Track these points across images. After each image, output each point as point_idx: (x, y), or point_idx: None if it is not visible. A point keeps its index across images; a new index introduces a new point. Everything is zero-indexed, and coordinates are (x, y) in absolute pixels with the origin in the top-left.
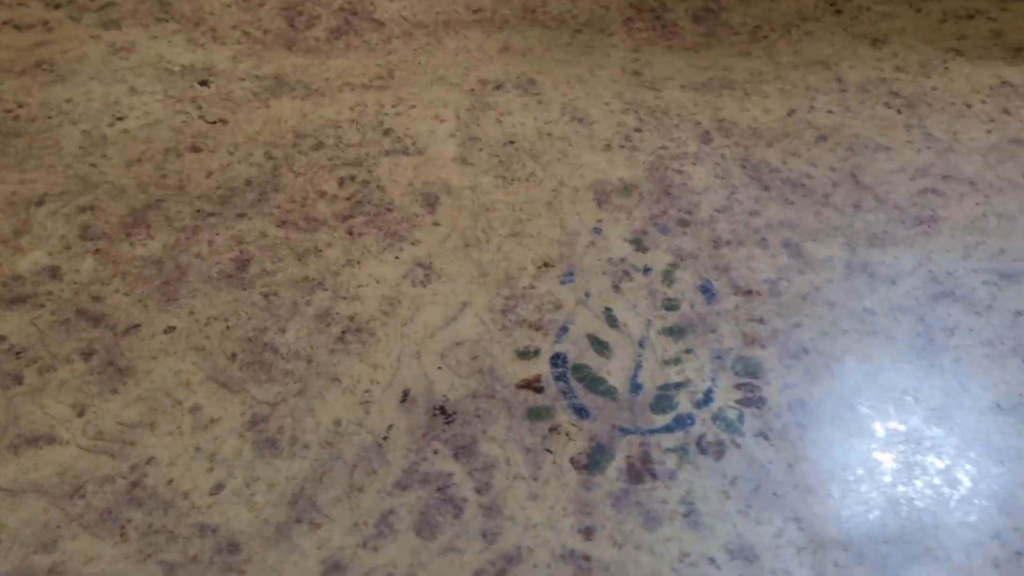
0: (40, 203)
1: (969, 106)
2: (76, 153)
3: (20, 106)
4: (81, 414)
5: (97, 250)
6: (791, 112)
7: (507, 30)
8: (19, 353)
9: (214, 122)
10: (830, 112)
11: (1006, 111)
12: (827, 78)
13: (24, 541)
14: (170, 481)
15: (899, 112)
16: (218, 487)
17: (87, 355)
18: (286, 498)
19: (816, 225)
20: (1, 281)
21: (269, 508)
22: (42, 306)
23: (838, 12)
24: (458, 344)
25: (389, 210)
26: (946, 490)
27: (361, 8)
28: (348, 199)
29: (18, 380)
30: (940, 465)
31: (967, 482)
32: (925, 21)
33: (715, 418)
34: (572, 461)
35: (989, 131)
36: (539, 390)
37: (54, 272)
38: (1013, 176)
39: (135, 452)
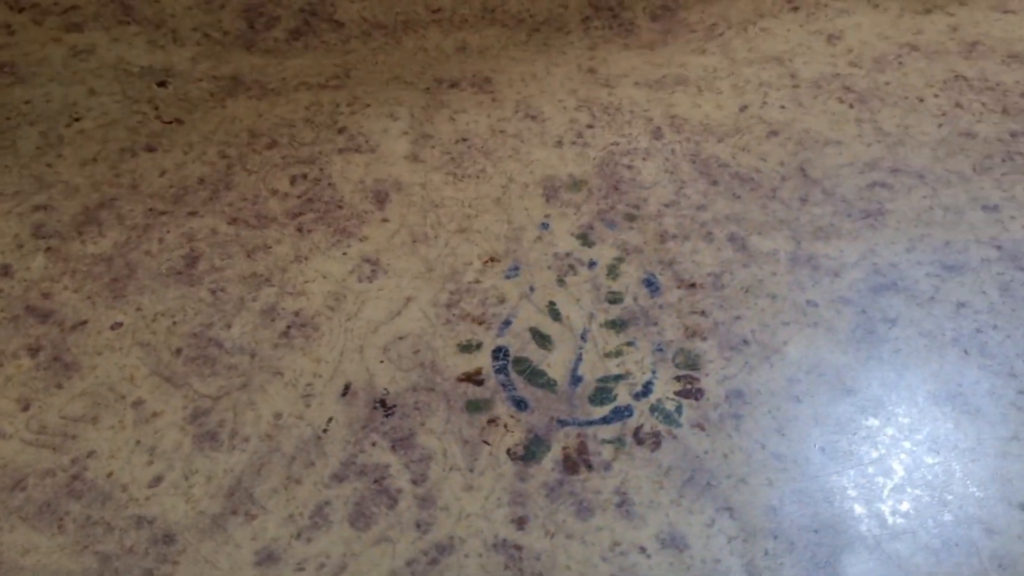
0: None
1: (922, 100)
2: (32, 153)
3: None
4: (26, 409)
5: (48, 248)
6: (743, 108)
7: (465, 29)
8: None
9: (170, 122)
10: (782, 107)
11: (959, 105)
12: (781, 74)
13: None
14: (110, 474)
15: (851, 107)
16: (157, 480)
17: (34, 351)
18: (223, 490)
19: (762, 219)
20: None
21: (206, 500)
22: None
23: (795, 9)
24: (401, 338)
25: (339, 207)
26: (880, 479)
27: (321, 9)
28: (299, 197)
29: None
30: (874, 455)
31: (901, 471)
32: (882, 17)
33: (653, 409)
34: (509, 452)
35: (940, 124)
36: (479, 383)
37: (5, 270)
38: (962, 169)
39: (76, 446)
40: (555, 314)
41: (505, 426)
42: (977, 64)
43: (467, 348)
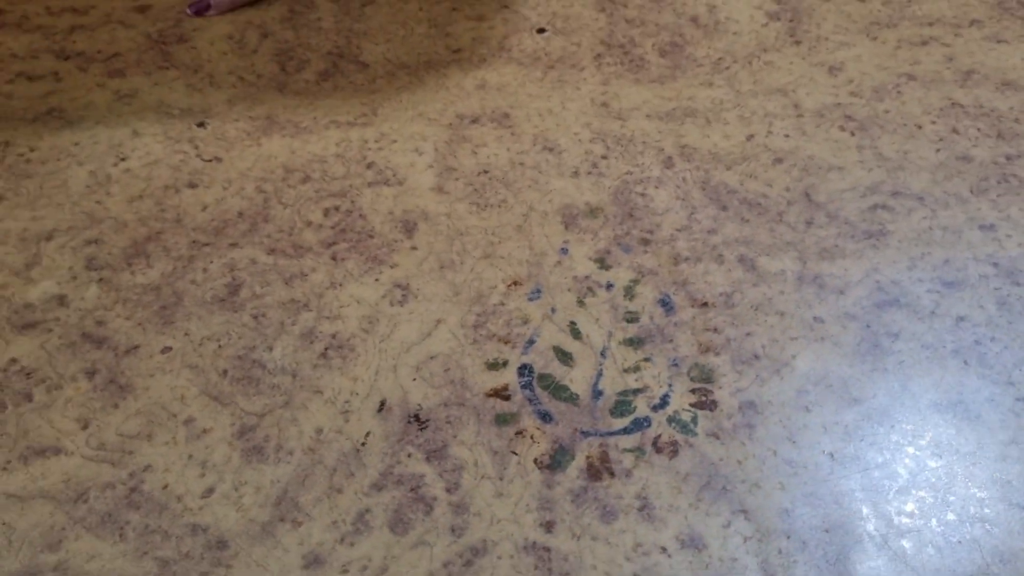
0: (49, 238)
1: (920, 127)
2: (82, 191)
3: (32, 150)
4: (85, 427)
5: (101, 279)
6: (749, 137)
7: (484, 68)
8: (29, 374)
9: (210, 160)
10: (786, 136)
11: (955, 131)
12: (784, 104)
13: (32, 542)
14: (165, 486)
15: (852, 134)
16: (209, 491)
17: (91, 374)
18: (271, 499)
19: (770, 241)
20: (13, 309)
21: (255, 509)
22: (50, 331)
23: (797, 43)
24: (432, 358)
25: (370, 236)
26: (886, 482)
27: (348, 51)
28: (332, 227)
29: (28, 398)
30: (880, 459)
31: (905, 475)
32: (880, 48)
33: (670, 420)
34: (536, 462)
35: (938, 150)
36: (506, 398)
37: (61, 300)
38: (960, 191)
39: (133, 460)
40: (576, 333)
41: (532, 437)
42: (972, 92)
43: (494, 366)
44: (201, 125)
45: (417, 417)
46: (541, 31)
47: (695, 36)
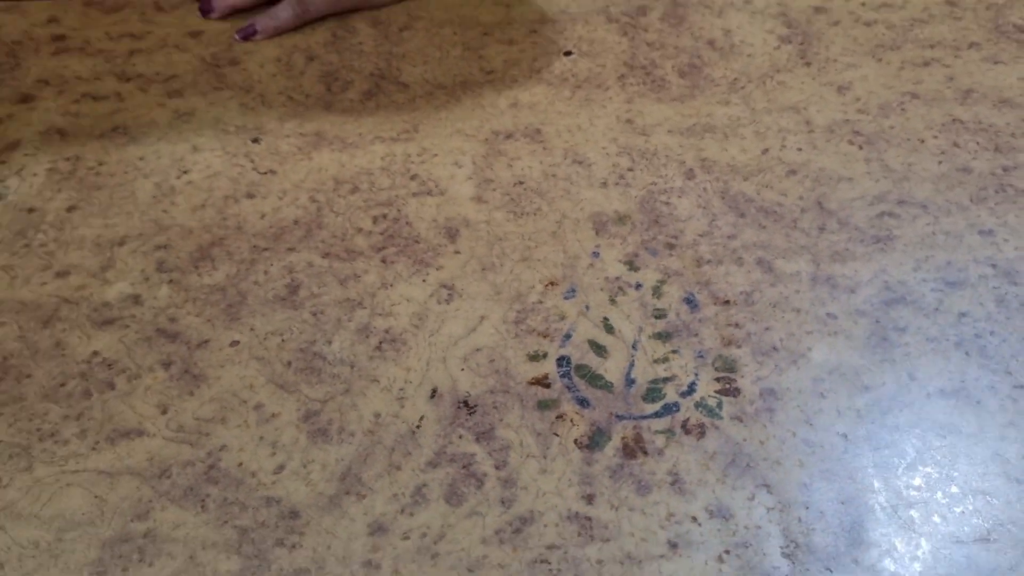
0: (122, 243)
1: (923, 141)
2: (149, 202)
3: (101, 164)
4: (164, 412)
5: (171, 280)
6: (765, 151)
7: (516, 88)
8: (110, 365)
9: (265, 173)
10: (799, 150)
11: (956, 144)
12: (797, 121)
13: (123, 512)
14: (240, 464)
15: (860, 148)
16: (279, 468)
17: (167, 365)
18: (336, 475)
19: (786, 245)
20: (92, 308)
21: (322, 483)
22: (127, 327)
23: (808, 64)
24: (478, 350)
25: (416, 242)
26: (895, 459)
27: (389, 73)
28: (381, 234)
29: (111, 386)
30: (889, 439)
31: (912, 453)
32: (885, 69)
33: (697, 405)
34: (576, 442)
35: (940, 162)
36: (547, 386)
37: (136, 299)
38: (961, 200)
39: (210, 441)
40: (609, 328)
41: (571, 421)
42: (972, 109)
43: (535, 357)
44: (255, 141)
45: (466, 403)
46: (568, 54)
47: (712, 58)
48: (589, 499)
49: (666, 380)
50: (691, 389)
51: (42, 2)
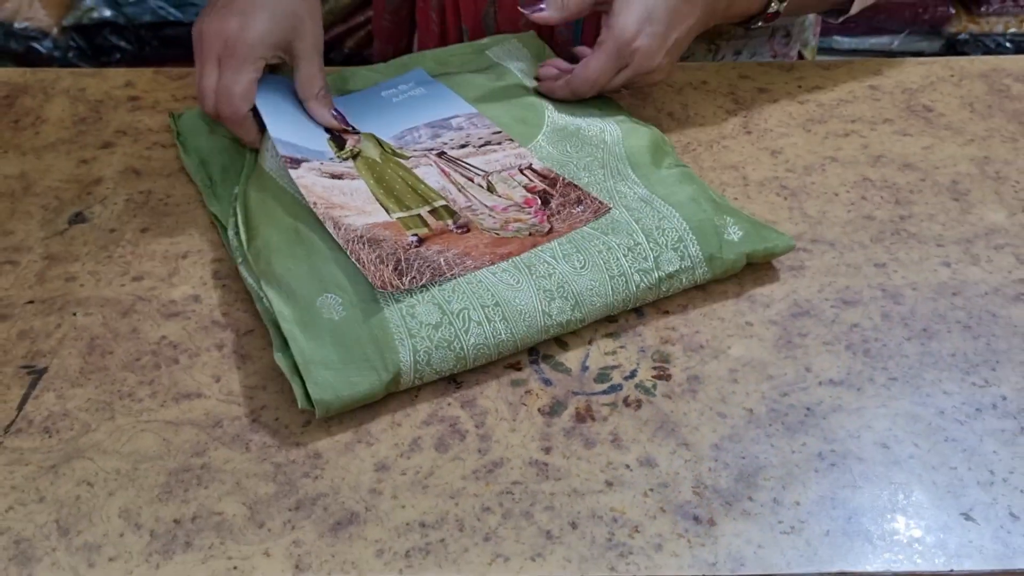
0: (185, 256)
1: (837, 194)
2: (207, 225)
3: (168, 196)
4: (218, 381)
5: (224, 285)
6: None
7: None
8: (175, 346)
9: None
10: (735, 199)
11: (863, 198)
12: (735, 176)
13: (184, 451)
14: (276, 419)
15: (785, 199)
16: (307, 423)
17: (220, 347)
18: (350, 428)
19: None
20: (161, 304)
21: (340, 434)
22: (189, 318)
23: (748, 132)
24: None
25: None
26: (786, 428)
27: None
28: None
29: (175, 361)
30: (784, 413)
31: (800, 424)
32: (812, 138)
33: (636, 386)
34: (539, 410)
35: (849, 211)
36: (520, 369)
37: (196, 298)
38: (863, 240)
39: (253, 403)
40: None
41: (536, 395)
42: (880, 171)
43: None
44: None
45: (455, 379)
46: None
47: (671, 126)
48: (547, 451)
49: (613, 368)
50: (632, 374)
51: (120, 69)
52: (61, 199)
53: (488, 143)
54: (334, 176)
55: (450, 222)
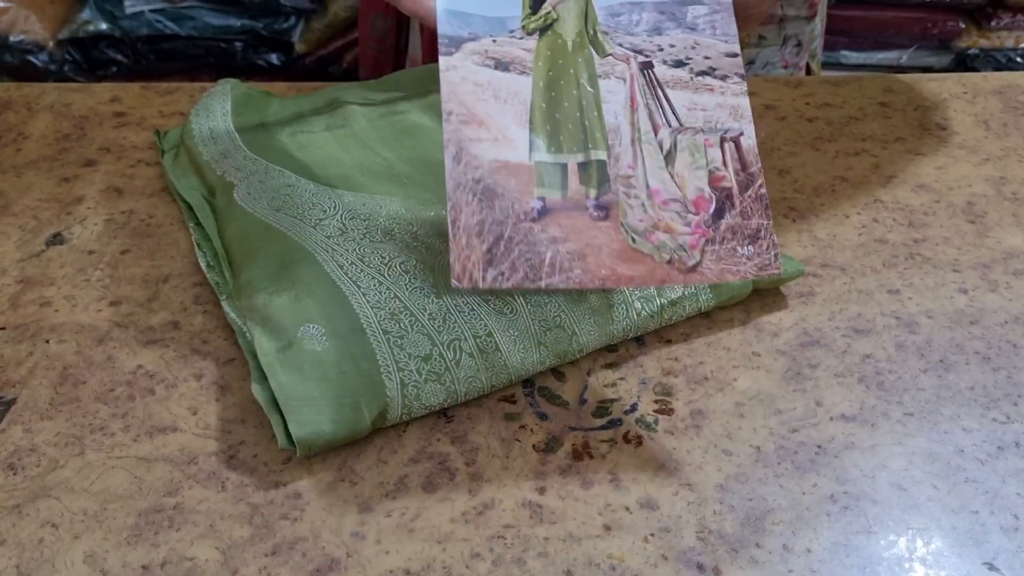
0: (165, 280)
1: (847, 216)
2: (190, 248)
3: (151, 217)
4: (195, 413)
5: (205, 311)
6: None
7: None
8: (152, 376)
9: None
10: None
11: (875, 220)
12: None
13: (157, 489)
14: (255, 455)
15: (793, 221)
16: (287, 460)
17: (199, 377)
18: (333, 466)
19: None
20: (139, 330)
21: (322, 472)
22: (167, 346)
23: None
24: None
25: None
26: (796, 468)
27: None
28: None
29: (152, 392)
30: (794, 451)
31: (810, 463)
32: (821, 157)
33: (637, 421)
34: (534, 447)
35: (860, 234)
36: (514, 402)
37: (176, 325)
38: (875, 264)
39: (231, 437)
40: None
41: (531, 430)
42: (892, 192)
43: None
44: None
45: (445, 413)
46: None
47: None
48: (541, 491)
49: (613, 401)
50: (633, 408)
51: (107, 84)
52: (39, 219)
53: (712, 71)
54: (499, 65)
55: (593, 193)
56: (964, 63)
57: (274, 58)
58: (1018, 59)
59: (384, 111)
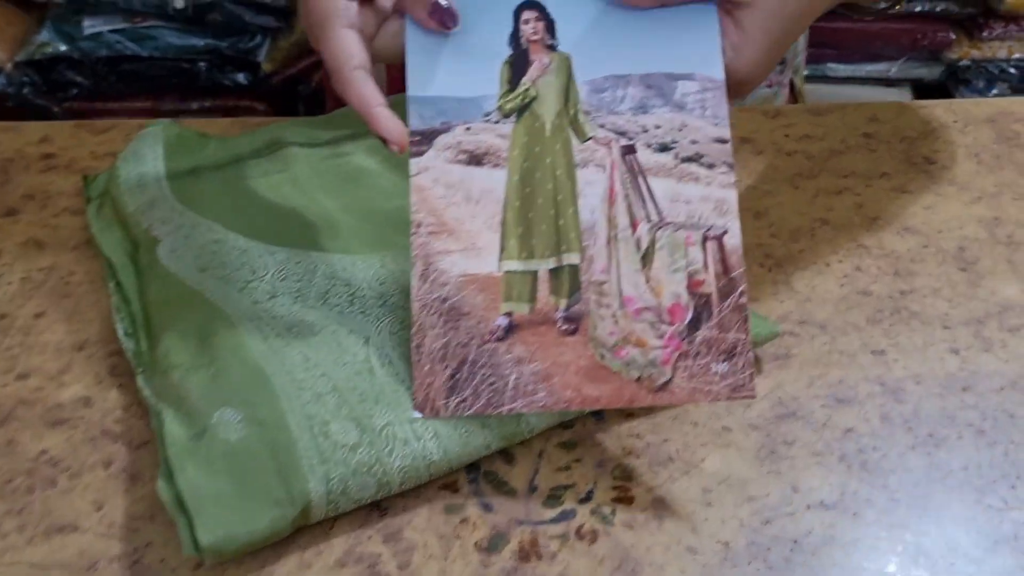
0: (81, 348)
1: (828, 265)
2: (111, 309)
3: (72, 274)
4: (99, 509)
5: (120, 384)
6: None
7: None
8: (56, 463)
9: None
10: None
11: (859, 268)
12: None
13: None
14: (162, 560)
15: (769, 271)
16: (197, 565)
17: (107, 465)
18: (251, 572)
19: None
20: (46, 408)
21: None
22: (76, 427)
23: None
24: None
25: None
26: (768, 569)
27: None
28: None
29: (53, 483)
30: (773, 552)
31: (784, 562)
32: (801, 196)
33: (592, 512)
34: (475, 545)
35: (842, 284)
36: (456, 491)
37: (87, 401)
38: (857, 320)
39: (138, 537)
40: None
41: (474, 524)
42: (876, 235)
43: None
44: None
45: (378, 505)
46: None
47: None
48: None
49: (566, 488)
50: (588, 496)
51: (38, 123)
52: None
53: (699, 158)
54: (472, 159)
55: (563, 304)
56: (955, 75)
57: (241, 77)
58: (1011, 70)
59: (327, 153)
